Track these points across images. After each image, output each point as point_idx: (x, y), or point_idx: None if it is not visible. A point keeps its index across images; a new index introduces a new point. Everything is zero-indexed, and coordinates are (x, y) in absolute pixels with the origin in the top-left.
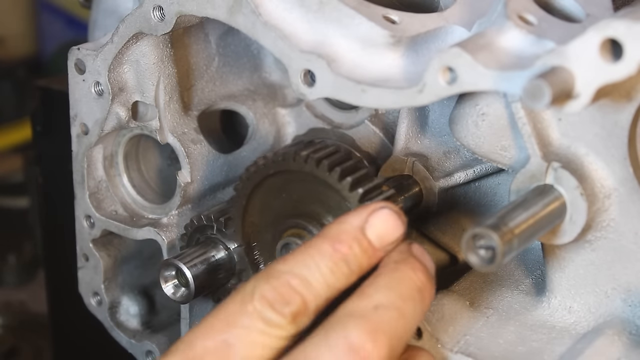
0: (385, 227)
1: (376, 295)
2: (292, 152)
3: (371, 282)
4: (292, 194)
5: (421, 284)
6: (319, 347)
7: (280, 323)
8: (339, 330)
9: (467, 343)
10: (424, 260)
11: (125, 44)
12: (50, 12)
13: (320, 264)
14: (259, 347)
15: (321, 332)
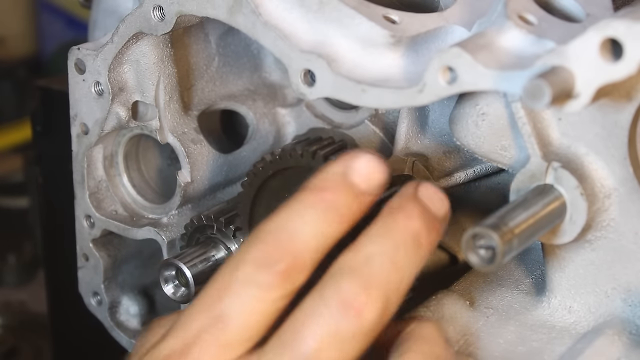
0: (368, 170)
1: (368, 246)
2: (288, 150)
3: (365, 232)
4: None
5: (415, 230)
6: (316, 305)
7: (273, 283)
8: (332, 285)
9: (467, 343)
10: (429, 203)
11: (125, 43)
12: (50, 12)
13: (306, 216)
14: (256, 314)
15: (317, 289)
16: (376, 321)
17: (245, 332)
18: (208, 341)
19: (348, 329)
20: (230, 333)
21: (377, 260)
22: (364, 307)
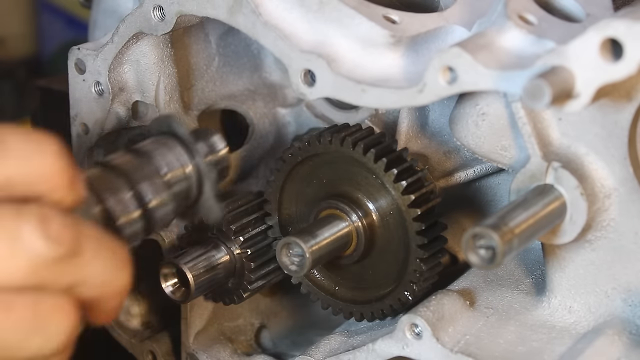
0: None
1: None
2: (323, 137)
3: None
4: (322, 178)
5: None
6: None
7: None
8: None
9: (467, 343)
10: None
11: (125, 43)
12: (50, 12)
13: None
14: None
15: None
16: (55, 256)
17: None
18: None
19: (35, 242)
20: None
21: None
22: (57, 237)
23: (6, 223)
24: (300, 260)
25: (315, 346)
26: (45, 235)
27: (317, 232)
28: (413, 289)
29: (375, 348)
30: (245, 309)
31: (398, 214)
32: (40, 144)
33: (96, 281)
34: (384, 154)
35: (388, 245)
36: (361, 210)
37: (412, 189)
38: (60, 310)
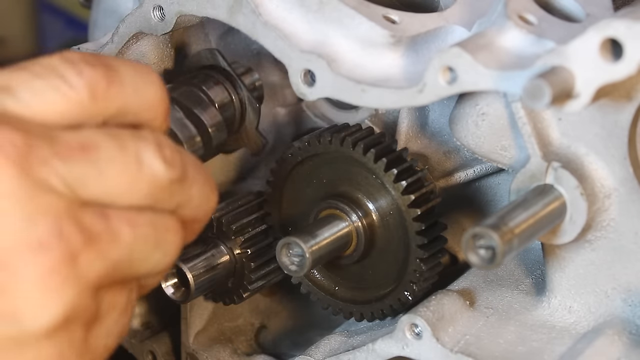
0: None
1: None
2: (323, 137)
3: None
4: (322, 178)
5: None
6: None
7: (74, 82)
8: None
9: (467, 343)
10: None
11: (125, 43)
12: (50, 12)
13: (141, 74)
14: (41, 98)
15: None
16: (168, 180)
17: (26, 111)
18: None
19: (155, 163)
20: (10, 103)
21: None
22: (171, 162)
23: (129, 146)
24: (300, 260)
25: (315, 346)
26: (163, 159)
27: (317, 232)
28: (413, 289)
29: (375, 348)
30: (245, 309)
31: (398, 214)
32: (147, 75)
33: (196, 202)
34: (384, 154)
35: (388, 245)
36: (361, 210)
37: (412, 189)
38: (172, 228)
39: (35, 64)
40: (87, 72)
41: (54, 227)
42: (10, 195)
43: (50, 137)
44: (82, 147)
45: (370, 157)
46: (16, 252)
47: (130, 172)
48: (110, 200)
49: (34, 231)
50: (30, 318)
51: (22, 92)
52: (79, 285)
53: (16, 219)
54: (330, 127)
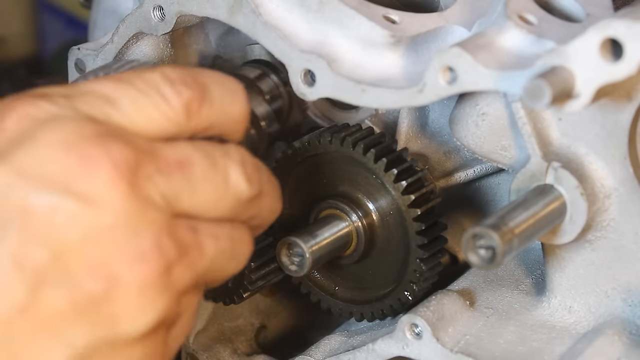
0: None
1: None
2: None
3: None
4: (322, 178)
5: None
6: (217, 145)
7: (173, 102)
8: (234, 147)
9: (467, 343)
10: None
11: (125, 44)
12: (50, 12)
13: (227, 90)
14: (144, 114)
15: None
16: (248, 196)
17: (129, 124)
18: (92, 100)
19: (239, 182)
20: (115, 110)
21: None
22: (252, 178)
23: (219, 164)
24: (300, 260)
25: (315, 346)
26: (246, 178)
27: (317, 232)
28: (413, 289)
29: (375, 348)
30: (245, 309)
31: (398, 214)
32: (235, 92)
33: (265, 214)
34: (384, 154)
35: (388, 246)
36: (361, 210)
37: (412, 189)
38: (245, 239)
39: (138, 79)
40: (184, 94)
41: (155, 240)
42: (119, 210)
43: (152, 152)
44: (179, 163)
45: (370, 157)
46: (120, 262)
47: (219, 190)
48: (198, 214)
49: (138, 244)
50: (127, 323)
51: (126, 106)
52: (170, 295)
53: (122, 232)
54: (330, 127)
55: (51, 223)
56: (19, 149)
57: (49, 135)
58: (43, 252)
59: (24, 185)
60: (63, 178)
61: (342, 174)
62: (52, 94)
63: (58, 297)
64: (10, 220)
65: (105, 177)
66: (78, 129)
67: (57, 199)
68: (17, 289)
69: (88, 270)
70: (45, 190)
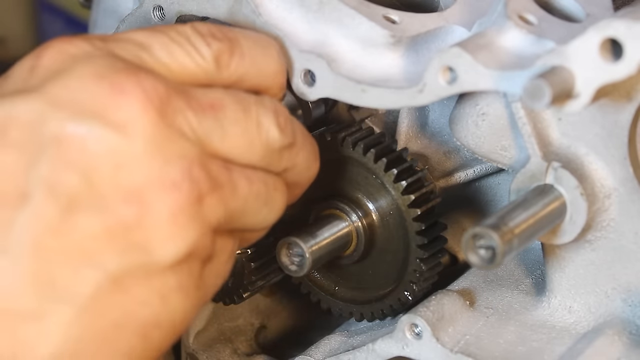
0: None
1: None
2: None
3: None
4: (322, 178)
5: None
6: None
7: (203, 51)
8: (268, 98)
9: (467, 343)
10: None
11: None
12: (50, 12)
13: (260, 45)
14: (176, 60)
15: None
16: (281, 145)
17: (161, 68)
18: (126, 48)
19: (271, 128)
20: (148, 56)
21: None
22: (284, 128)
23: (251, 110)
24: (300, 260)
25: (315, 346)
26: (278, 126)
27: (317, 232)
28: (413, 289)
29: (375, 348)
30: (245, 309)
31: (398, 214)
32: (266, 48)
33: (300, 168)
34: (384, 154)
35: (388, 246)
36: (361, 210)
37: (412, 189)
38: (280, 188)
39: (170, 29)
40: (214, 45)
41: (186, 169)
42: (150, 137)
43: (184, 92)
44: (211, 105)
45: (370, 157)
46: (152, 189)
47: (250, 134)
48: (230, 157)
49: (169, 171)
50: (159, 250)
51: (159, 52)
52: (201, 225)
53: (154, 159)
54: (330, 126)
55: (84, 150)
56: (53, 81)
57: (83, 68)
58: (76, 177)
59: (57, 114)
60: (95, 106)
61: (342, 174)
62: (90, 36)
63: (90, 222)
64: (44, 147)
65: (136, 105)
66: (111, 64)
67: (89, 127)
68: (51, 212)
69: (120, 195)
70: (78, 118)
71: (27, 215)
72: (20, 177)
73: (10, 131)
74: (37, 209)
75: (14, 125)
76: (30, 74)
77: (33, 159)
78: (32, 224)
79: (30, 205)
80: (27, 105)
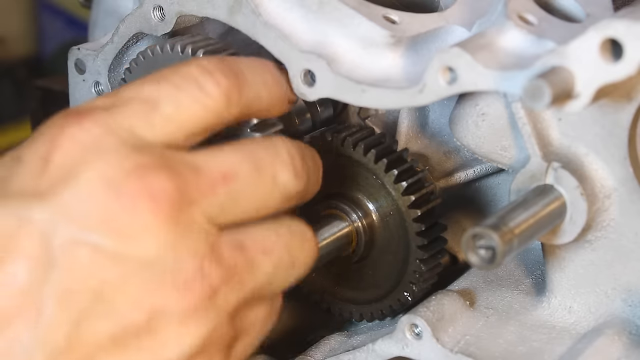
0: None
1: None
2: (323, 137)
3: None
4: (323, 178)
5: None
6: (264, 140)
7: (212, 92)
8: (281, 139)
9: (467, 343)
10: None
11: (125, 44)
12: (50, 12)
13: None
14: (185, 110)
15: (265, 136)
16: (296, 191)
17: (170, 124)
18: (135, 110)
19: (286, 178)
20: (157, 114)
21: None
22: (301, 174)
23: (266, 167)
24: None
25: (315, 346)
26: (295, 174)
27: (317, 232)
28: (413, 290)
29: (375, 348)
30: None
31: (398, 215)
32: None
33: (309, 196)
34: (385, 154)
35: (388, 246)
36: (361, 211)
37: (412, 190)
38: (307, 236)
39: (175, 75)
40: (223, 83)
41: (198, 267)
42: (161, 245)
43: (195, 169)
44: (223, 176)
45: (370, 158)
46: (163, 293)
47: (266, 192)
48: (245, 218)
49: (180, 273)
50: (169, 350)
51: (167, 107)
52: (216, 316)
53: (166, 265)
54: (330, 127)
55: (94, 263)
56: (63, 188)
57: (91, 173)
58: (87, 291)
59: (67, 225)
60: (104, 218)
61: (342, 174)
62: (95, 109)
63: (101, 331)
64: (55, 260)
65: (144, 214)
66: (118, 163)
67: (99, 239)
68: (62, 327)
69: (130, 303)
70: (87, 231)
71: (40, 331)
72: (33, 291)
73: (21, 240)
74: (49, 325)
75: (26, 234)
76: (42, 172)
77: (44, 272)
78: (46, 338)
79: (43, 320)
80: (38, 213)
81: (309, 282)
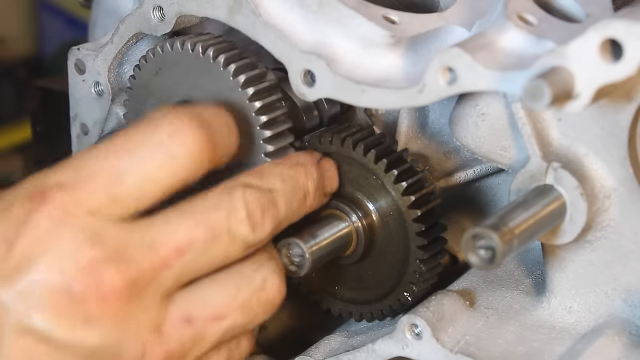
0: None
1: (272, 179)
2: (323, 137)
3: (269, 166)
4: None
5: (307, 190)
6: (220, 195)
7: (181, 157)
8: (239, 190)
9: (467, 343)
10: (326, 174)
11: (125, 44)
12: (50, 12)
13: (224, 121)
14: (152, 181)
15: (222, 186)
16: (259, 240)
17: (134, 195)
18: (98, 187)
19: (244, 232)
20: (122, 188)
21: (278, 195)
22: (260, 223)
23: (220, 228)
24: (300, 261)
25: (315, 346)
26: (251, 226)
27: (317, 232)
28: (412, 290)
29: (375, 348)
30: None
31: (398, 215)
32: (232, 125)
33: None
34: (385, 154)
35: (388, 246)
36: (361, 211)
37: (412, 190)
38: (267, 287)
39: (141, 142)
40: (193, 146)
41: (140, 353)
42: (106, 334)
43: (148, 248)
44: (176, 249)
45: (370, 158)
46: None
47: (223, 249)
48: (205, 273)
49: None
50: None
51: (131, 180)
52: None
53: (110, 351)
54: (330, 127)
55: (34, 353)
56: (24, 274)
57: (48, 262)
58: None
59: (21, 310)
60: (55, 306)
61: (342, 174)
62: (59, 189)
63: None
64: (2, 345)
65: (91, 308)
66: (72, 256)
67: (47, 326)
68: None
69: None
70: (38, 317)
71: None
72: None
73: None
74: None
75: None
76: (6, 254)
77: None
78: None
79: None
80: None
81: (308, 282)
